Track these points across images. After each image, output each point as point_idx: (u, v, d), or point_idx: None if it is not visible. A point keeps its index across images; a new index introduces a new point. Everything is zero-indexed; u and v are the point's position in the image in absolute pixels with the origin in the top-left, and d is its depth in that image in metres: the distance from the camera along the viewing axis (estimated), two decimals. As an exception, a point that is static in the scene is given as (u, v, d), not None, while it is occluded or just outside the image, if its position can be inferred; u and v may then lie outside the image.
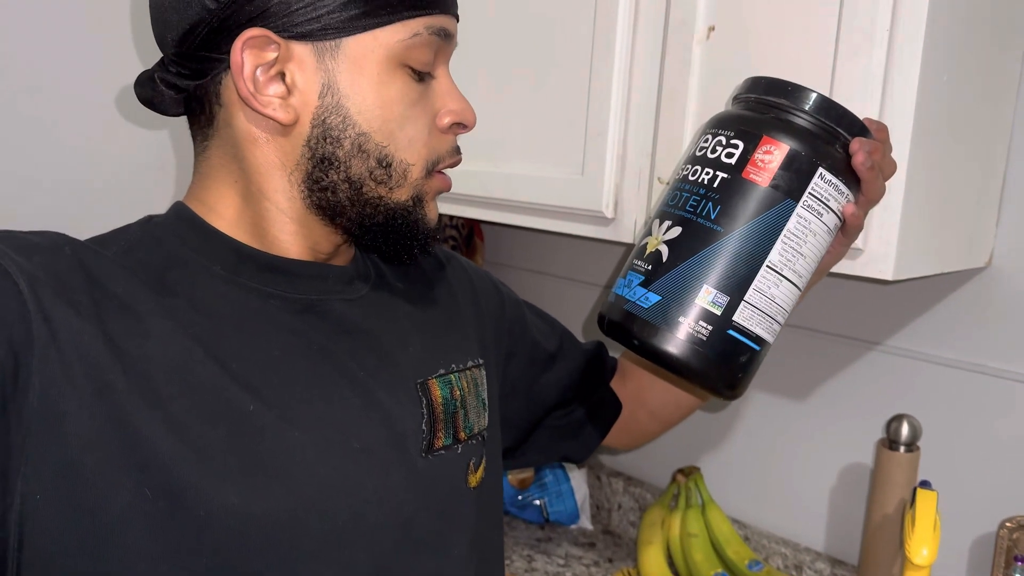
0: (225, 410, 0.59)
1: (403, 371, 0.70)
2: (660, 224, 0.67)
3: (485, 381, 0.79)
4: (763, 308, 0.66)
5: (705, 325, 0.64)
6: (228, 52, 0.62)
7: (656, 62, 0.99)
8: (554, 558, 1.38)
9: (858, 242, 0.84)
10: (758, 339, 0.67)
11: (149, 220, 0.67)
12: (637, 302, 0.65)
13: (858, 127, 0.69)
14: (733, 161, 0.65)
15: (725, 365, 0.66)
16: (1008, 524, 1.02)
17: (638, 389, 0.94)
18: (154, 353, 0.58)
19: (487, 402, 0.78)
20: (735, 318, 0.65)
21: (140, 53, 1.35)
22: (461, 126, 0.69)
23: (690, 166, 0.69)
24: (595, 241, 1.50)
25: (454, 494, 0.71)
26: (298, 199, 0.66)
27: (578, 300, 1.58)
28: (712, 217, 0.63)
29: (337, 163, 0.64)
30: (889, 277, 0.84)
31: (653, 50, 0.99)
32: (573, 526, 1.49)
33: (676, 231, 0.65)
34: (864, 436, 1.19)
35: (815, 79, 0.85)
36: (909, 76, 0.80)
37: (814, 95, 0.68)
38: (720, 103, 0.93)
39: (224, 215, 0.67)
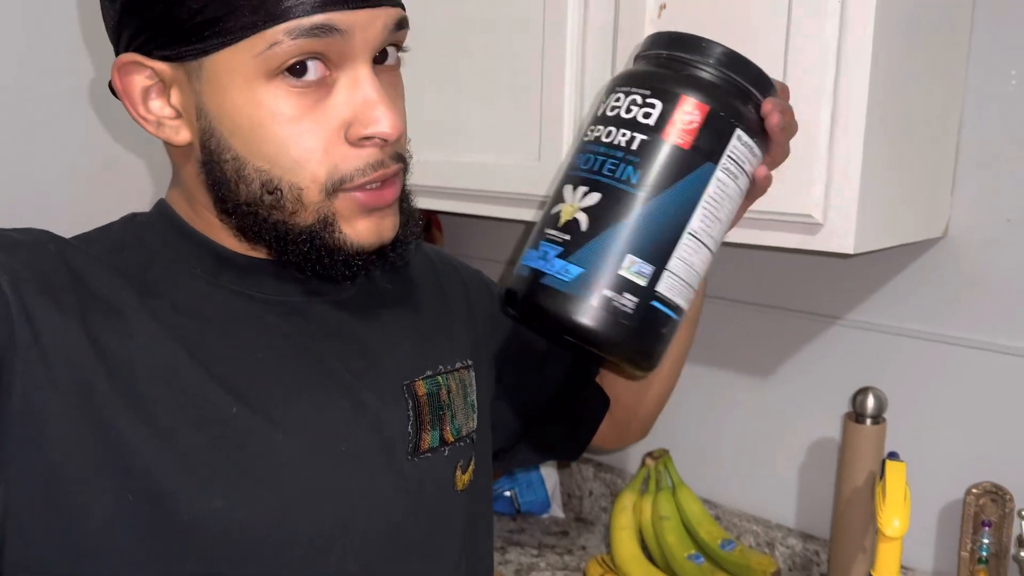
0: (209, 414, 0.57)
1: (389, 373, 0.68)
2: (574, 190, 0.62)
3: (474, 383, 0.77)
4: (683, 276, 0.63)
5: (630, 297, 0.60)
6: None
7: (608, 43, 0.98)
8: (527, 548, 1.37)
9: (817, 217, 0.83)
10: (677, 308, 0.63)
11: (132, 219, 0.66)
12: (556, 275, 0.60)
13: (770, 87, 0.66)
14: (652, 122, 0.61)
15: (647, 338, 0.62)
16: (974, 490, 1.03)
17: (611, 384, 0.92)
18: (138, 355, 0.56)
19: (476, 404, 0.76)
20: (658, 288, 0.61)
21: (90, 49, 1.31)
22: (381, 140, 0.59)
23: (602, 127, 0.63)
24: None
25: (442, 496, 0.70)
26: (225, 221, 0.62)
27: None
28: (633, 182, 0.60)
29: (227, 188, 0.59)
30: (850, 251, 0.84)
31: (605, 30, 0.98)
32: (545, 515, 1.48)
33: (594, 197, 0.60)
34: (830, 410, 1.19)
35: (768, 54, 0.84)
36: (862, 48, 0.80)
37: (730, 52, 0.64)
38: (675, 82, 0.92)
39: (188, 216, 0.65)
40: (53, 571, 0.55)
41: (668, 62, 0.64)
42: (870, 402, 1.04)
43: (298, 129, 0.57)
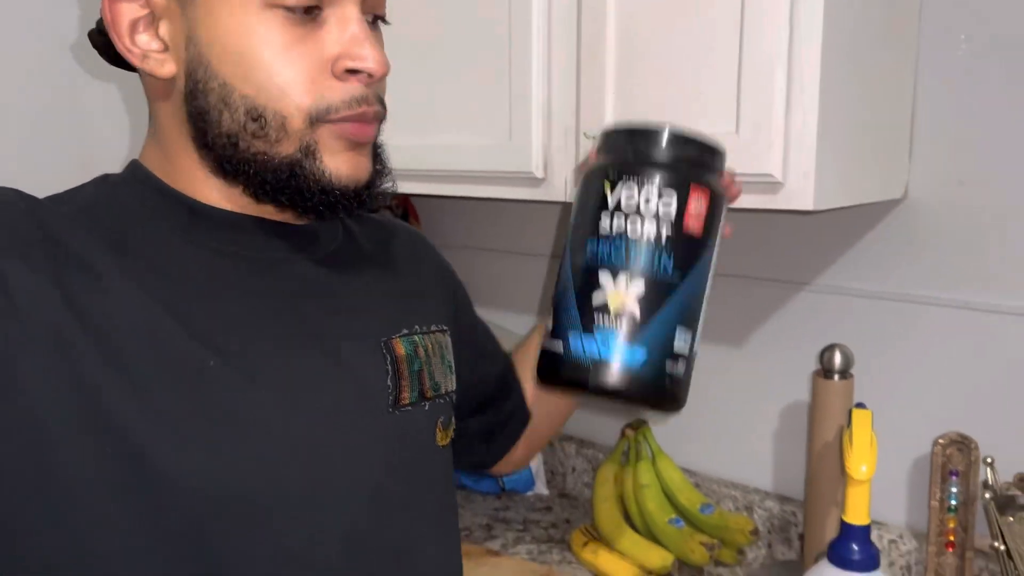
0: (186, 370, 0.58)
1: (367, 329, 0.69)
2: (615, 280, 0.68)
3: (450, 346, 0.78)
4: (702, 331, 0.72)
5: (683, 363, 0.69)
6: None
7: (573, 18, 1.01)
8: (513, 525, 1.39)
9: (777, 176, 0.87)
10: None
11: (105, 179, 0.66)
12: (625, 361, 0.67)
13: (725, 157, 0.76)
14: (672, 213, 0.68)
15: (686, 388, 0.71)
16: (940, 441, 1.07)
17: (539, 404, 0.94)
18: (113, 312, 0.56)
19: (453, 365, 0.78)
20: (695, 348, 0.70)
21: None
22: (363, 73, 0.62)
23: (623, 220, 0.69)
24: (529, 205, 1.52)
25: (423, 451, 0.71)
26: (203, 158, 0.63)
27: (518, 271, 1.59)
28: (669, 271, 0.67)
29: (209, 118, 0.61)
30: (810, 207, 0.87)
31: (569, 6, 1.01)
32: (530, 493, 1.51)
33: (638, 286, 0.67)
34: (801, 374, 1.23)
35: (725, 21, 0.88)
36: (814, 12, 0.83)
37: (712, 141, 0.71)
38: (637, 56, 0.95)
39: (162, 172, 0.65)
40: (36, 533, 0.55)
41: (666, 152, 0.70)
42: (837, 358, 1.07)
43: (287, 57, 0.59)
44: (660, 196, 0.68)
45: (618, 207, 0.68)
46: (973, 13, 1.04)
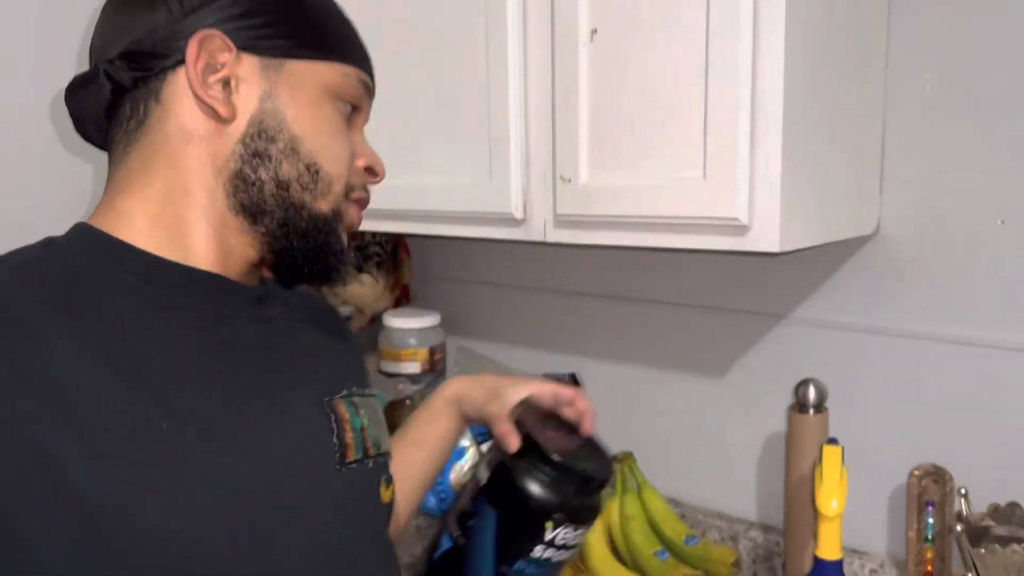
0: (138, 429, 0.58)
1: (311, 388, 0.72)
2: None
3: (381, 410, 0.82)
4: None
5: None
6: (178, 51, 0.65)
7: (548, 66, 1.04)
8: (503, 556, 1.40)
9: (743, 220, 0.89)
10: None
11: (50, 241, 0.66)
12: None
13: None
14: (587, 532, 0.88)
15: None
16: (916, 472, 1.08)
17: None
18: (59, 374, 0.57)
19: (386, 427, 0.81)
20: None
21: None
22: (373, 173, 0.76)
23: (556, 549, 0.85)
24: (511, 243, 1.54)
25: (370, 507, 0.74)
26: (221, 198, 0.67)
27: (509, 303, 1.62)
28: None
29: (269, 159, 0.67)
30: (776, 250, 0.89)
31: (544, 55, 1.04)
32: (520, 524, 1.52)
33: None
34: (781, 405, 1.24)
35: (690, 70, 0.91)
36: (775, 57, 0.86)
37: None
38: (609, 99, 0.98)
39: (136, 223, 0.66)
40: None
41: (586, 493, 0.86)
42: (811, 393, 1.09)
43: (341, 138, 0.73)
44: (587, 528, 0.86)
45: (552, 542, 0.83)
46: (939, 48, 1.07)
